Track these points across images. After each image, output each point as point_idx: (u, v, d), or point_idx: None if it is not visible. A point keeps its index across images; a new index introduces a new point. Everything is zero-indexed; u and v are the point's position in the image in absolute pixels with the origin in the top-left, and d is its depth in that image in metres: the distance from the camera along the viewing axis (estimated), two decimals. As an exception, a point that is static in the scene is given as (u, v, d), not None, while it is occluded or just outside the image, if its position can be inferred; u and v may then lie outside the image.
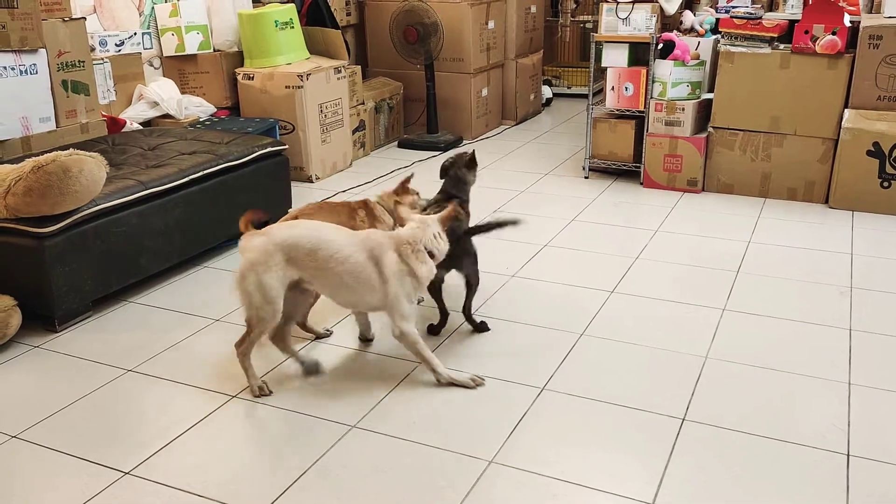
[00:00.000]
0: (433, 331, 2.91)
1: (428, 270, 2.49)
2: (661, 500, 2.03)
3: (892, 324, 2.96)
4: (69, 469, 2.20)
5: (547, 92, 7.16)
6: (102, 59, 4.26)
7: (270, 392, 2.54)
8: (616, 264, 3.55)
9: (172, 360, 2.78)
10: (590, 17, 7.46)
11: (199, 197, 3.48)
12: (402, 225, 2.56)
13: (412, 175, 3.10)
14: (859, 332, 2.90)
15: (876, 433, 2.30)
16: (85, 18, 3.94)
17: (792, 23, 4.35)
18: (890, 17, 4.14)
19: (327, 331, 2.93)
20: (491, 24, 5.96)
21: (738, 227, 4.01)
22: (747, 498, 2.05)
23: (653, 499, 2.04)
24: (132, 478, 2.15)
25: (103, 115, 4.07)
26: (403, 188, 3.02)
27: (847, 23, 4.15)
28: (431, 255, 2.50)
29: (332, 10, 5.49)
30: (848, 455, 2.21)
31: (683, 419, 2.38)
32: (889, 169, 4.07)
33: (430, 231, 2.50)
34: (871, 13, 4.45)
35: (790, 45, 4.26)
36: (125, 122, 4.29)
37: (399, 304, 2.47)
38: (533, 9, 6.51)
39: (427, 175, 5.00)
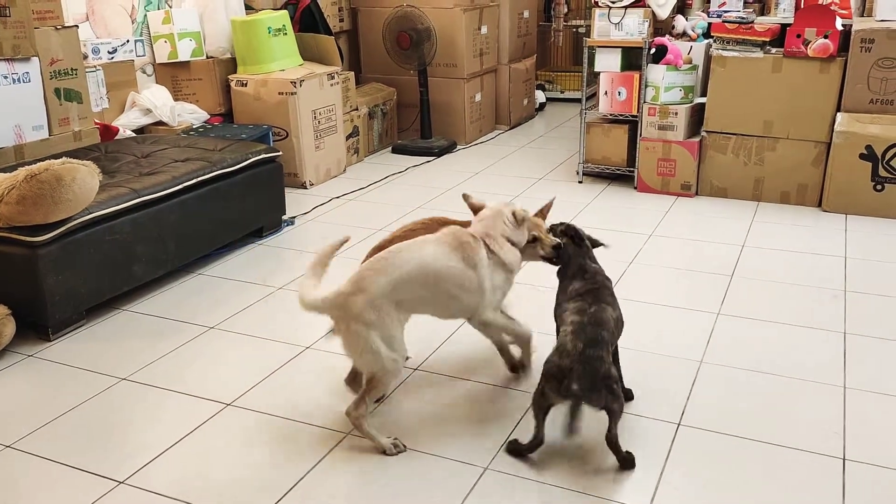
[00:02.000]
0: (518, 451, 2.26)
1: (513, 255, 2.46)
2: (658, 506, 2.04)
3: (887, 327, 2.97)
4: (63, 478, 2.19)
5: (540, 96, 7.17)
6: (95, 66, 4.25)
7: (405, 447, 2.29)
8: (610, 269, 3.54)
9: (167, 369, 2.77)
10: (582, 21, 7.48)
11: (192, 204, 3.48)
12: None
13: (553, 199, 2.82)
14: (853, 336, 2.90)
15: (872, 437, 2.31)
16: (77, 26, 3.93)
17: (784, 27, 4.36)
18: (882, 21, 4.16)
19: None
20: (484, 30, 5.97)
21: (732, 230, 4.02)
22: (743, 503, 2.05)
23: (649, 504, 2.04)
24: (126, 487, 2.14)
25: (96, 123, 4.06)
26: (542, 215, 2.77)
27: (839, 26, 4.17)
28: (511, 242, 2.46)
29: (325, 16, 5.49)
30: (844, 459, 2.21)
31: (679, 424, 2.38)
32: (882, 172, 4.08)
33: (500, 219, 2.46)
34: (862, 16, 4.47)
35: (782, 49, 4.28)
36: (118, 130, 4.28)
37: (493, 297, 2.43)
38: (526, 14, 6.52)
39: (423, 177, 5.02)
